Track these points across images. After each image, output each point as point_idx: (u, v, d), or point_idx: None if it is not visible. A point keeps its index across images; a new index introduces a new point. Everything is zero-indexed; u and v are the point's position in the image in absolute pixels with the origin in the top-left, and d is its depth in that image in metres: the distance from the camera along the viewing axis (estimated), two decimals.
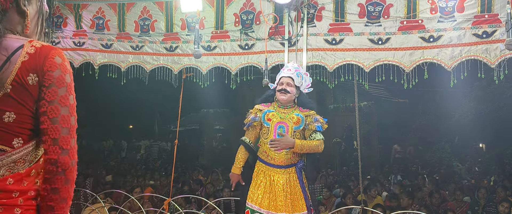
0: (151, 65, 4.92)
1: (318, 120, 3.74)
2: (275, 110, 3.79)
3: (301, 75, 3.80)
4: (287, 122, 3.71)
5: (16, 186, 1.22)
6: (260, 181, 3.74)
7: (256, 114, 3.85)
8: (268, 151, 3.70)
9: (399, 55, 4.07)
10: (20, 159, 1.23)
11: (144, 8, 4.89)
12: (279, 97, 3.72)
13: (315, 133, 3.71)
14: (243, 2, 4.57)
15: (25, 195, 1.24)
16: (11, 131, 1.21)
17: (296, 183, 3.68)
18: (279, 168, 3.69)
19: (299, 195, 3.66)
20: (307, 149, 3.64)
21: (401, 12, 4.06)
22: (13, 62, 1.21)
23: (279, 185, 3.66)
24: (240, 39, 4.56)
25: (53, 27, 5.13)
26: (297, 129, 3.69)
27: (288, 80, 3.71)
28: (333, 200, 6.85)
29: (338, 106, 13.49)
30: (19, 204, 1.22)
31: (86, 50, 5.11)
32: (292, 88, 3.70)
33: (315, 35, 4.34)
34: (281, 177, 3.68)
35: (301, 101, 3.81)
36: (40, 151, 1.28)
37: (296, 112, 3.76)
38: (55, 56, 1.26)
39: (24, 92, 1.21)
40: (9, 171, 1.21)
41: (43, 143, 1.27)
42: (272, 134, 3.70)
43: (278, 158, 3.66)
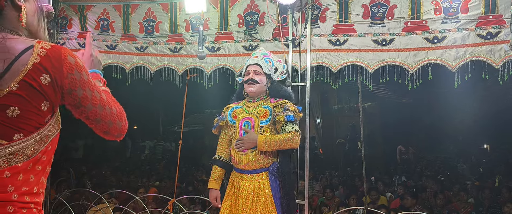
0: (155, 66, 4.94)
1: (288, 108, 3.16)
2: (243, 105, 3.33)
3: (271, 61, 3.33)
4: (253, 116, 3.21)
5: (12, 180, 1.22)
6: (227, 191, 3.25)
7: (223, 113, 3.43)
8: (234, 153, 3.20)
9: (403, 56, 4.06)
10: (18, 152, 1.23)
11: (149, 10, 4.91)
12: (247, 90, 3.26)
13: (285, 124, 3.14)
14: (247, 4, 4.58)
15: (20, 190, 1.24)
16: (13, 126, 1.22)
17: (267, 192, 3.07)
18: (247, 173, 3.15)
19: (270, 207, 3.03)
20: (275, 144, 3.06)
21: (405, 13, 4.06)
22: (22, 63, 1.21)
23: (244, 194, 3.08)
24: (244, 40, 4.58)
25: (58, 28, 5.15)
26: (264, 123, 3.17)
27: (255, 68, 3.26)
28: (337, 201, 6.84)
29: (342, 107, 13.49)
30: (13, 199, 1.22)
31: None
32: (260, 77, 3.24)
33: (319, 36, 4.34)
34: (248, 185, 3.11)
35: (273, 91, 3.31)
36: (39, 146, 1.29)
37: (265, 104, 3.26)
38: (67, 57, 1.28)
39: (32, 91, 1.22)
40: (6, 163, 1.22)
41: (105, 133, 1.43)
42: (238, 132, 3.23)
43: (243, 161, 3.14)
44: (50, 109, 1.28)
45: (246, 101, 3.34)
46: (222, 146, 3.43)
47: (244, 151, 3.13)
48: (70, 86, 1.29)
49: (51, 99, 1.27)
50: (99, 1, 5.05)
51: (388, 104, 12.30)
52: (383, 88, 10.10)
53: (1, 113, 1.20)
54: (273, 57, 3.44)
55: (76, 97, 1.32)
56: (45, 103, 1.26)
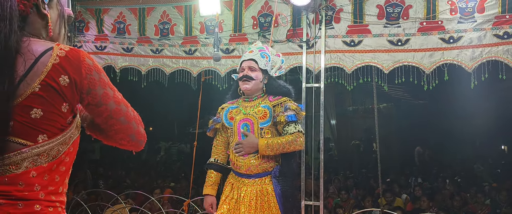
0: (170, 68, 4.98)
1: (290, 107, 2.92)
2: (239, 105, 3.08)
3: (267, 55, 3.07)
4: (251, 118, 2.97)
5: (38, 179, 1.25)
6: (226, 195, 3.02)
7: (218, 114, 3.18)
8: (234, 158, 2.98)
9: (419, 57, 4.03)
10: (43, 153, 1.26)
11: (164, 12, 4.96)
12: (242, 87, 3.01)
13: (287, 125, 2.91)
14: (261, 5, 4.60)
15: (46, 189, 1.27)
16: (37, 127, 1.24)
17: (271, 197, 2.88)
18: (249, 178, 2.94)
19: (275, 213, 2.86)
20: (278, 148, 2.85)
21: (420, 13, 4.03)
22: (43, 64, 1.24)
23: (246, 200, 2.89)
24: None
25: (75, 32, 5.24)
26: (264, 125, 2.93)
27: (250, 64, 3.00)
28: (352, 203, 6.81)
29: (357, 108, 13.39)
30: (40, 198, 1.25)
31: (108, 54, 5.20)
32: (256, 73, 2.99)
33: (333, 37, 4.33)
34: (250, 190, 2.91)
35: (271, 88, 3.05)
36: (63, 147, 1.31)
37: (263, 103, 3.01)
38: (85, 58, 1.31)
39: (53, 92, 1.25)
40: (32, 164, 1.24)
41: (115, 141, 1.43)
42: (237, 135, 3.00)
43: (244, 166, 2.93)
44: (70, 111, 1.31)
45: (242, 101, 3.09)
46: (217, 149, 3.19)
47: (245, 156, 2.92)
48: (89, 86, 1.31)
49: (70, 101, 1.29)
50: (115, 4, 5.12)
51: (404, 105, 12.19)
52: (399, 89, 10.02)
53: (25, 115, 1.22)
54: (271, 51, 3.18)
55: (97, 96, 1.33)
56: (65, 105, 1.28)
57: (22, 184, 1.23)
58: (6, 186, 1.21)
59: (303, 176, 4.44)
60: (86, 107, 1.36)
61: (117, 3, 5.10)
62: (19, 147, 1.23)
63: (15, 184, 1.22)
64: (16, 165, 1.22)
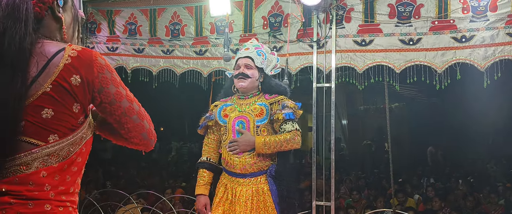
0: (181, 68, 5.01)
1: (287, 105, 2.87)
2: (234, 102, 3.01)
3: (263, 53, 3.01)
4: (247, 115, 2.90)
5: (48, 179, 1.26)
6: (219, 197, 2.92)
7: (211, 111, 3.10)
8: (228, 156, 2.90)
9: (431, 56, 4.00)
10: (53, 153, 1.27)
11: (175, 13, 4.99)
12: (238, 85, 2.95)
13: (285, 123, 2.86)
14: (271, 5, 4.60)
15: (56, 189, 1.28)
16: (48, 127, 1.26)
17: (267, 197, 2.82)
18: (243, 177, 2.86)
19: (271, 213, 2.80)
20: (275, 146, 2.79)
21: (432, 12, 4.00)
22: (55, 64, 1.26)
23: (241, 200, 2.82)
24: (268, 42, 4.59)
25: (87, 33, 5.28)
26: (260, 122, 2.87)
27: (246, 62, 2.94)
28: (363, 203, 6.78)
29: (368, 108, 13.33)
30: (50, 198, 1.26)
31: (119, 55, 5.25)
32: (252, 71, 2.94)
33: (344, 37, 4.32)
34: (246, 190, 2.83)
35: (267, 86, 3.01)
36: (74, 148, 1.32)
37: (259, 100, 2.95)
38: (97, 58, 1.32)
39: (64, 92, 1.26)
40: (43, 164, 1.25)
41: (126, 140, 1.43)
42: (231, 133, 2.91)
43: (239, 165, 2.84)
44: (81, 111, 1.32)
45: (237, 98, 3.02)
46: (210, 148, 3.10)
47: (240, 154, 2.84)
48: (102, 85, 1.32)
49: (81, 101, 1.30)
50: (127, 5, 5.15)
51: (416, 105, 12.10)
52: (411, 89, 9.95)
53: (36, 115, 1.24)
54: (267, 49, 3.12)
55: (109, 94, 1.34)
56: (76, 105, 1.29)
57: (32, 184, 1.24)
58: (16, 186, 1.22)
59: (314, 176, 4.43)
60: (99, 105, 1.36)
61: (128, 4, 5.14)
62: (30, 146, 1.24)
63: (26, 184, 1.23)
64: (27, 165, 1.24)
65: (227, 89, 3.16)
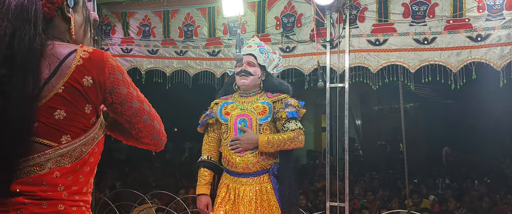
0: (194, 69, 5.03)
1: (291, 103, 2.84)
2: (235, 100, 2.97)
3: (266, 51, 2.98)
4: (249, 113, 2.86)
5: (61, 180, 1.28)
6: (221, 197, 2.87)
7: (211, 109, 3.05)
8: (229, 155, 2.85)
9: (446, 55, 3.95)
10: (66, 154, 1.28)
11: (188, 15, 5.01)
12: (239, 82, 2.91)
13: (288, 121, 2.82)
14: (284, 6, 4.59)
15: (70, 189, 1.29)
16: (61, 128, 1.27)
17: (271, 196, 2.79)
18: (246, 176, 2.81)
19: (275, 211, 2.77)
20: (278, 145, 2.74)
21: (447, 11, 3.95)
22: (67, 66, 1.27)
23: (245, 200, 2.78)
24: (281, 42, 4.58)
25: (102, 35, 5.34)
26: (263, 121, 2.83)
27: (249, 59, 2.91)
28: (378, 204, 6.73)
29: (383, 108, 13.23)
30: (63, 198, 1.28)
31: (133, 57, 5.29)
32: (255, 68, 2.90)
33: (358, 36, 4.29)
34: (249, 190, 2.79)
35: (269, 85, 2.97)
36: (86, 148, 1.33)
37: (261, 99, 2.92)
38: (109, 59, 1.33)
39: (76, 93, 1.27)
40: (56, 164, 1.27)
41: (137, 140, 1.44)
42: (232, 131, 2.87)
43: (241, 164, 2.80)
44: (93, 112, 1.33)
45: (238, 96, 2.98)
46: (210, 146, 3.06)
47: (242, 153, 2.79)
48: (113, 85, 1.33)
49: (93, 102, 1.31)
50: (140, 7, 5.19)
51: (431, 105, 11.97)
52: (426, 89, 9.85)
53: (49, 115, 1.25)
54: (268, 48, 3.09)
55: (121, 95, 1.35)
56: (88, 106, 1.30)
57: (45, 185, 1.25)
58: (30, 186, 1.24)
59: (327, 177, 4.41)
60: (110, 106, 1.38)
61: (142, 6, 5.18)
62: (43, 148, 1.25)
63: (39, 185, 1.25)
64: (40, 166, 1.25)
65: (228, 87, 3.11)
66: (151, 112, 1.44)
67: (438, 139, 11.66)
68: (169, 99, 7.98)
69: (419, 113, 12.55)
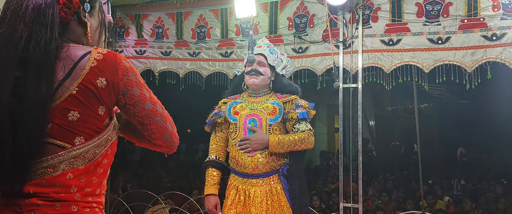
0: (207, 71, 5.05)
1: (301, 105, 2.83)
2: (244, 100, 2.96)
3: (276, 52, 3.01)
4: (259, 113, 2.85)
5: (75, 181, 1.28)
6: (231, 200, 2.83)
7: (220, 108, 3.03)
8: (238, 155, 2.82)
9: (460, 55, 3.91)
10: (79, 155, 1.29)
11: (201, 16, 5.03)
12: (249, 82, 2.90)
13: (298, 122, 2.82)
14: (297, 6, 4.58)
15: (83, 191, 1.30)
16: (74, 129, 1.28)
17: (281, 196, 2.77)
18: (256, 177, 2.79)
19: (286, 212, 2.75)
20: (289, 145, 2.73)
21: (461, 10, 3.91)
22: (81, 67, 1.28)
23: (256, 201, 2.75)
24: (294, 43, 4.58)
25: (116, 37, 5.39)
26: (273, 121, 2.82)
27: (259, 59, 2.90)
28: (393, 205, 6.68)
29: (397, 108, 13.14)
30: (76, 199, 1.28)
31: (147, 58, 5.33)
32: (265, 68, 2.90)
33: (371, 36, 4.27)
34: (260, 191, 2.77)
35: (279, 85, 2.96)
36: (100, 150, 1.34)
37: (271, 99, 2.90)
38: (122, 61, 1.35)
39: (90, 94, 1.28)
40: (69, 166, 1.28)
41: (149, 142, 1.45)
42: (242, 131, 2.85)
43: (250, 165, 2.77)
44: (106, 113, 1.34)
45: (247, 96, 2.97)
46: (218, 146, 3.03)
47: (251, 153, 2.76)
48: (126, 87, 1.34)
49: (107, 103, 1.32)
50: (154, 9, 5.23)
51: (445, 105, 11.86)
52: (440, 89, 9.76)
53: (63, 117, 1.26)
54: (277, 49, 3.09)
55: (134, 96, 1.36)
56: (101, 108, 1.31)
57: (59, 186, 1.26)
58: (44, 188, 1.25)
59: (341, 178, 4.39)
60: (123, 107, 1.38)
61: (155, 8, 5.22)
62: (57, 149, 1.27)
63: (53, 186, 1.26)
64: (54, 168, 1.26)
65: (236, 86, 3.10)
66: (164, 113, 1.45)
67: (453, 140, 11.54)
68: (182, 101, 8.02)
69: (433, 113, 12.46)
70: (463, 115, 11.39)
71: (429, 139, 12.00)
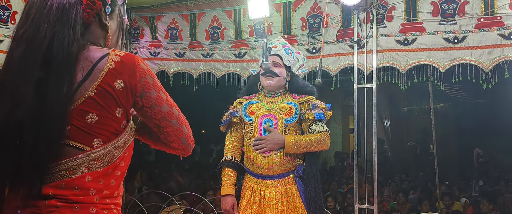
0: (221, 71, 5.06)
1: (318, 105, 2.81)
2: (260, 100, 2.93)
3: (291, 52, 2.96)
4: (275, 114, 2.82)
5: (93, 184, 1.29)
6: (246, 201, 2.82)
7: (235, 108, 3.00)
8: (253, 156, 2.81)
9: (477, 54, 3.85)
10: (98, 158, 1.29)
11: (214, 17, 5.05)
12: (265, 83, 2.88)
13: (315, 123, 2.80)
14: (310, 6, 4.57)
15: (101, 193, 1.31)
16: (92, 132, 1.28)
17: (297, 198, 2.74)
18: (271, 178, 2.76)
19: (301, 213, 2.73)
20: (305, 146, 2.71)
21: (477, 8, 3.85)
22: (99, 69, 1.28)
23: (272, 203, 2.72)
24: (307, 43, 4.57)
25: (131, 39, 5.44)
26: (289, 121, 2.80)
27: (275, 59, 2.87)
28: (408, 207, 6.61)
29: (412, 108, 13.01)
30: (95, 202, 1.29)
31: (161, 59, 5.36)
32: (280, 69, 2.87)
33: (386, 36, 4.23)
34: (275, 192, 2.74)
35: (295, 86, 2.94)
36: (118, 152, 1.35)
37: (287, 99, 2.89)
38: (140, 63, 1.35)
39: (108, 96, 1.28)
40: (88, 169, 1.28)
41: (165, 144, 1.45)
42: (257, 131, 2.83)
43: (266, 165, 2.75)
44: (124, 116, 1.35)
45: (263, 96, 2.94)
46: (234, 146, 3.00)
47: (267, 153, 2.74)
48: (144, 89, 1.34)
49: (124, 105, 1.33)
50: (168, 11, 5.27)
51: (462, 105, 11.69)
52: (457, 89, 9.63)
53: (81, 119, 1.27)
54: (292, 48, 3.05)
55: (151, 99, 1.36)
56: (119, 110, 1.32)
57: (77, 189, 1.27)
58: (63, 190, 1.26)
59: (355, 179, 4.37)
60: (140, 110, 1.39)
61: (169, 10, 5.25)
62: (75, 151, 1.27)
63: (71, 189, 1.26)
64: (72, 170, 1.27)
65: (251, 86, 3.08)
66: (180, 116, 1.44)
67: (470, 140, 11.38)
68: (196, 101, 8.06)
69: (449, 114, 12.29)
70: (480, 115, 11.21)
71: (445, 139, 11.85)
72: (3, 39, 4.21)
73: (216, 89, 5.22)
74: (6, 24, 4.22)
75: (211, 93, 5.96)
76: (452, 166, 10.46)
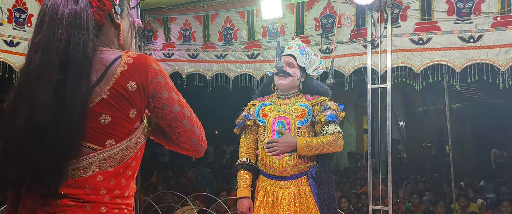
0: (234, 72, 5.07)
1: (330, 107, 2.79)
2: (273, 102, 2.94)
3: (307, 53, 2.95)
4: (288, 116, 2.82)
5: (104, 183, 1.31)
6: (259, 201, 2.83)
7: (249, 110, 3.01)
8: (266, 158, 2.82)
9: (493, 53, 3.80)
10: (109, 158, 1.31)
11: (227, 18, 5.06)
12: (278, 83, 2.88)
13: (327, 125, 2.78)
14: (323, 6, 4.55)
15: (112, 193, 1.32)
16: (105, 132, 1.30)
17: (310, 199, 2.75)
18: (284, 179, 2.78)
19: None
20: (317, 148, 2.71)
21: (494, 7, 3.80)
22: (112, 72, 1.30)
23: (284, 204, 2.73)
24: (321, 44, 4.55)
25: (145, 40, 5.48)
26: (302, 124, 2.79)
27: (288, 60, 2.88)
28: (423, 208, 6.54)
29: (427, 109, 12.86)
30: (105, 201, 1.30)
31: (175, 61, 5.39)
32: (294, 69, 2.87)
33: (400, 36, 4.19)
34: (288, 193, 2.75)
35: (308, 87, 2.93)
36: (129, 152, 1.36)
37: (300, 101, 2.88)
38: (152, 64, 1.36)
39: (121, 98, 1.30)
40: (99, 168, 1.30)
41: (177, 145, 1.45)
42: (270, 133, 2.84)
43: (278, 167, 2.77)
44: (138, 116, 1.36)
45: (276, 98, 2.95)
46: (248, 148, 3.01)
47: (279, 155, 2.76)
48: (155, 90, 1.36)
49: (138, 106, 1.34)
50: (181, 12, 5.29)
51: (478, 105, 11.53)
52: (472, 88, 9.50)
53: (94, 120, 1.29)
54: (310, 50, 3.05)
55: (162, 99, 1.37)
56: (132, 111, 1.33)
57: (88, 188, 1.29)
58: (74, 189, 1.28)
59: (369, 180, 4.33)
60: (152, 110, 1.40)
61: (183, 11, 5.28)
62: (88, 151, 1.29)
63: (83, 188, 1.28)
64: (84, 169, 1.28)
65: (266, 87, 3.08)
66: (191, 117, 1.45)
67: (486, 140, 11.21)
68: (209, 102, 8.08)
69: (465, 114, 12.12)
70: (496, 115, 11.04)
71: (461, 140, 11.70)
72: (20, 42, 4.28)
73: (229, 90, 5.23)
74: (22, 26, 4.28)
75: (224, 94, 5.97)
76: (468, 167, 10.32)
